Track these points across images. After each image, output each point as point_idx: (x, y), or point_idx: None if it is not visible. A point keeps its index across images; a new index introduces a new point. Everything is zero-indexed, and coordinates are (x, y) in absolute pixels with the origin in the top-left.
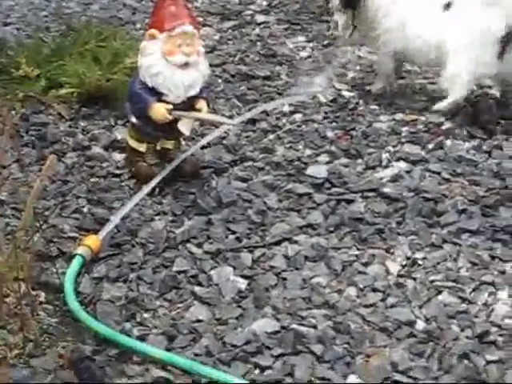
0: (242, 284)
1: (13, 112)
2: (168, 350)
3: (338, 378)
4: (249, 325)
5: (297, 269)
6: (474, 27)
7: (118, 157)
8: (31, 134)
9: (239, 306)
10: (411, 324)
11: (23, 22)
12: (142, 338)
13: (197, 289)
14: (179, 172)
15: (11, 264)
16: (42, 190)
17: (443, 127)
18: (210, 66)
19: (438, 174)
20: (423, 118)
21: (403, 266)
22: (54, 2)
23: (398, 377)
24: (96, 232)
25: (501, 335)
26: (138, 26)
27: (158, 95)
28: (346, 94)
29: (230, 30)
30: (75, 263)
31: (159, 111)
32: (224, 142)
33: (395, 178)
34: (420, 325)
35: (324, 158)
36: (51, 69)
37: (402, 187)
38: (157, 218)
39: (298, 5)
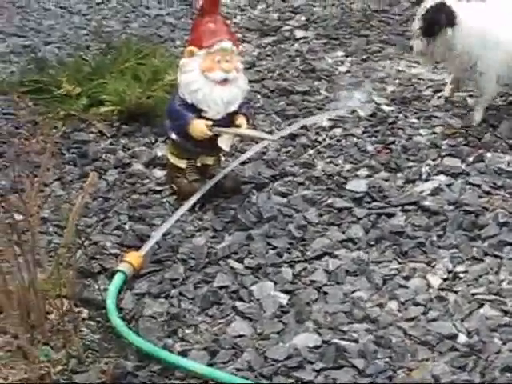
0: (283, 299)
1: (54, 130)
2: (210, 365)
3: None
4: (290, 339)
5: (338, 283)
6: None
7: (159, 173)
8: (72, 151)
9: (280, 321)
10: (453, 337)
11: (64, 40)
12: (184, 354)
13: (238, 304)
14: (219, 188)
15: (54, 281)
16: (84, 207)
17: (483, 140)
18: (250, 81)
19: (479, 186)
20: (463, 131)
21: (444, 280)
22: (94, 20)
23: None
24: (137, 248)
25: None
26: (178, 43)
27: (198, 112)
28: (386, 108)
29: (268, 46)
30: (117, 279)
31: (199, 128)
32: (264, 157)
33: (435, 192)
34: (462, 338)
35: (364, 172)
36: (92, 87)
37: (443, 200)
38: (197, 233)
39: (337, 19)
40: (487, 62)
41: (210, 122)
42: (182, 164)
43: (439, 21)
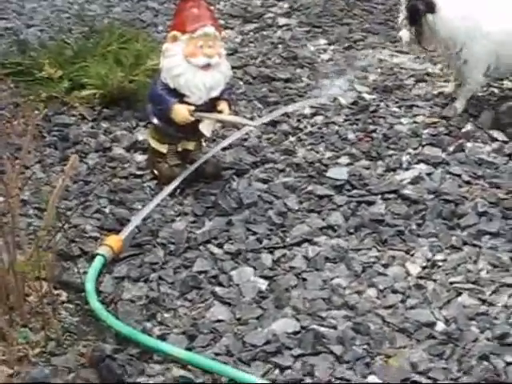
0: (263, 284)
1: (35, 113)
2: (188, 349)
3: (357, 378)
4: (269, 325)
5: (317, 270)
6: None
7: (140, 158)
8: (54, 134)
9: (259, 307)
10: (431, 325)
11: (46, 23)
12: (162, 338)
13: (217, 289)
14: (200, 173)
15: (33, 263)
16: (64, 190)
17: (464, 130)
18: (232, 68)
19: (459, 176)
20: (444, 121)
21: (423, 268)
22: (77, 4)
23: (417, 377)
24: (117, 232)
25: None
26: (160, 28)
27: (180, 97)
28: (367, 96)
29: (251, 33)
30: (96, 263)
31: (181, 112)
32: (245, 143)
33: (416, 180)
34: (440, 326)
35: (345, 160)
36: (74, 70)
37: (423, 189)
38: (178, 218)
39: (320, 8)
40: (472, 51)
41: (192, 107)
42: (163, 149)
43: (419, 9)
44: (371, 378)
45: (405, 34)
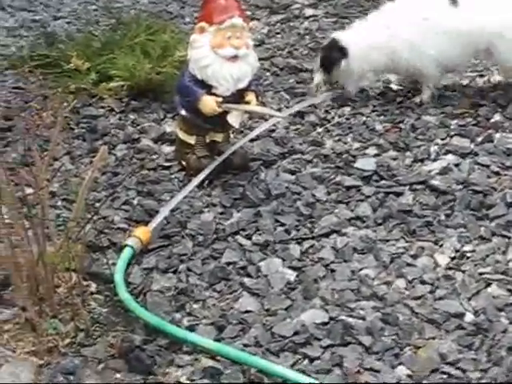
0: (291, 275)
1: (64, 105)
2: (217, 340)
3: (386, 368)
4: (297, 316)
5: (345, 261)
6: None
7: (168, 149)
8: (82, 126)
9: (288, 298)
10: (460, 316)
11: (73, 15)
12: (191, 329)
13: (246, 280)
14: (228, 164)
15: (62, 255)
16: (93, 181)
17: (492, 120)
18: (259, 59)
19: (487, 166)
20: (472, 111)
21: (452, 259)
22: None
23: (446, 368)
24: (146, 223)
25: None
26: (187, 19)
27: (208, 88)
28: (395, 87)
29: (278, 24)
30: (125, 254)
31: (208, 104)
32: (273, 134)
33: (444, 171)
34: (469, 317)
35: (372, 150)
36: (101, 62)
37: (451, 180)
38: (206, 209)
39: None
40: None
41: (220, 99)
42: (191, 140)
43: (333, 58)
44: (400, 369)
45: (318, 76)
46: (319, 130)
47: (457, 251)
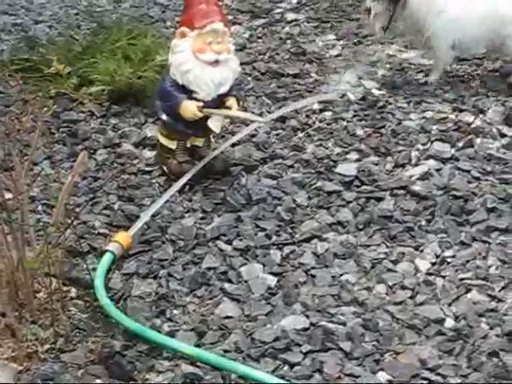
0: (272, 281)
1: (44, 109)
2: (197, 346)
3: (366, 374)
4: (278, 321)
5: (326, 266)
6: None
7: (149, 154)
8: (62, 131)
9: (268, 303)
10: (440, 322)
11: (54, 19)
12: (171, 334)
13: (226, 285)
14: (209, 169)
15: (42, 260)
16: (73, 186)
17: (473, 125)
18: (240, 64)
19: (468, 172)
20: (453, 116)
21: (432, 264)
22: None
23: (426, 374)
24: (126, 228)
25: None
26: (169, 23)
27: (189, 93)
28: (376, 92)
29: (259, 28)
30: (106, 259)
31: (189, 109)
32: (254, 139)
33: (425, 176)
34: (449, 323)
35: (353, 155)
36: (82, 66)
37: (432, 185)
38: (187, 215)
39: (328, 3)
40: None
41: (201, 104)
42: (172, 145)
43: None
44: (380, 375)
45: (375, 6)
46: (300, 134)
47: (437, 257)
